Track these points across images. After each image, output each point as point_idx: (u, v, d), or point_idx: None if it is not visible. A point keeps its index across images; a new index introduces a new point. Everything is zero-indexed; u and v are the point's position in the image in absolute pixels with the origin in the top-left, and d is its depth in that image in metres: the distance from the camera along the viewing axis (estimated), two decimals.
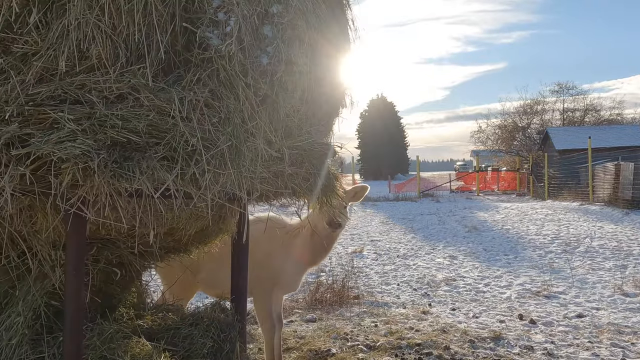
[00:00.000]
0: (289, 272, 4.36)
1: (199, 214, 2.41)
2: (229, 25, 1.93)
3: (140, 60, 1.88)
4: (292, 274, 4.40)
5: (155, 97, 1.81)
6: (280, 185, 2.29)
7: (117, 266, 2.43)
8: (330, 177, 2.64)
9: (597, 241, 11.90)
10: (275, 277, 4.31)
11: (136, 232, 2.20)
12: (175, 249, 2.98)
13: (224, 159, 1.83)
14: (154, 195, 1.64)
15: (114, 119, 1.71)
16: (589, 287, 7.94)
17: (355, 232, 15.47)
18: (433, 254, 11.45)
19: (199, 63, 1.94)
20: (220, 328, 2.42)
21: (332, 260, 10.39)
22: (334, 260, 10.37)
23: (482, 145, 42.95)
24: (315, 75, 2.51)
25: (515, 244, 12.36)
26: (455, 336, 5.32)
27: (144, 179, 1.62)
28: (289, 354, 4.93)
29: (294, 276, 4.43)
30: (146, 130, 1.74)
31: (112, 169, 1.63)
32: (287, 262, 4.30)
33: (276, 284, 4.33)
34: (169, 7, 1.91)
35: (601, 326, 5.79)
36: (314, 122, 2.59)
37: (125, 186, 1.61)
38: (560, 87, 42.57)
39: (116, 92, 1.79)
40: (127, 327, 2.29)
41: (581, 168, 24.31)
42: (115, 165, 1.64)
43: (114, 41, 1.83)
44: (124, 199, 1.69)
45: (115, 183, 1.61)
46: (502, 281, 8.56)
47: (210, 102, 1.89)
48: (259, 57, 2.03)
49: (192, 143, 1.76)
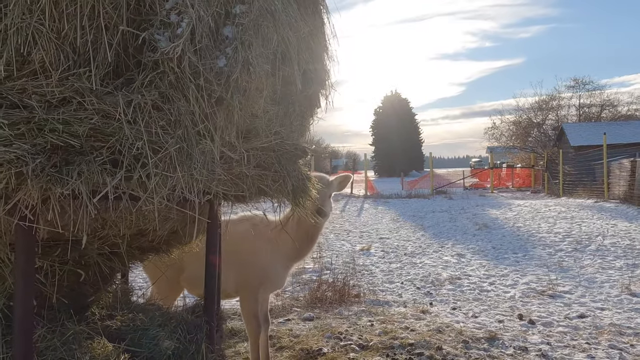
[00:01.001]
0: (275, 269, 4.37)
1: (167, 216, 2.41)
2: (181, 27, 1.92)
3: (87, 64, 1.87)
4: (279, 271, 4.40)
5: (100, 101, 1.80)
6: (246, 186, 2.27)
7: (85, 267, 2.45)
8: (302, 179, 2.62)
9: (609, 239, 11.68)
10: (262, 275, 4.31)
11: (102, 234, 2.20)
12: (153, 248, 2.98)
13: (172, 162, 1.83)
14: (91, 200, 1.64)
15: (55, 123, 1.70)
16: (596, 287, 7.80)
17: (365, 230, 15.41)
18: (441, 252, 11.36)
19: (151, 65, 1.93)
20: (187, 329, 2.42)
21: (338, 258, 10.39)
22: (340, 258, 10.37)
23: (496, 141, 42.45)
24: (285, 75, 2.49)
25: (525, 242, 12.19)
26: (450, 336, 5.27)
27: (80, 183, 1.62)
28: (281, 352, 4.93)
29: (280, 272, 4.43)
30: (89, 134, 1.74)
31: (49, 173, 1.63)
32: (274, 259, 4.31)
33: (263, 283, 4.32)
34: (119, 10, 1.90)
35: (602, 327, 5.68)
36: (285, 123, 2.57)
37: (59, 191, 1.61)
38: (577, 83, 41.80)
39: (59, 96, 1.79)
40: (95, 328, 2.30)
41: (597, 165, 23.89)
42: (53, 170, 1.64)
43: (58, 45, 1.83)
44: (73, 203, 1.69)
45: (52, 188, 1.61)
46: (508, 280, 8.45)
47: (160, 104, 1.88)
48: (217, 58, 2.01)
49: (138, 146, 1.76)
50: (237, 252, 4.11)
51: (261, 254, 4.25)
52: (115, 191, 1.71)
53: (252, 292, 4.29)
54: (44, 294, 2.33)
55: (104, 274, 2.58)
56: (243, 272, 4.24)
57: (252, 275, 4.27)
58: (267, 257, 4.27)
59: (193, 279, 4.09)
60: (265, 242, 4.20)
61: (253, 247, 4.23)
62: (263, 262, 4.27)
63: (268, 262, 4.29)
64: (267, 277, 4.34)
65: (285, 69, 2.46)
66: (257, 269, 4.29)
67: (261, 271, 4.30)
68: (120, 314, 2.57)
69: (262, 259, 4.26)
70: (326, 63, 2.83)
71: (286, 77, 2.50)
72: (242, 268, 4.23)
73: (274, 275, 4.37)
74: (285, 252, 4.30)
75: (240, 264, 4.20)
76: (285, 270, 4.46)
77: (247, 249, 4.20)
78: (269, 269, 4.32)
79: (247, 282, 4.26)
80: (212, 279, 2.58)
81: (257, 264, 4.27)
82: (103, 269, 2.50)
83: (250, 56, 2.03)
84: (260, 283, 4.31)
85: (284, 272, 4.45)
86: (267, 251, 4.24)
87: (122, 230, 2.28)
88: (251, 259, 4.24)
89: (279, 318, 6.20)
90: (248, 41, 2.07)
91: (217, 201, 2.28)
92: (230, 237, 3.91)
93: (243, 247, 4.19)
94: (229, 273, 4.10)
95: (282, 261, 4.36)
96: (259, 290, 4.32)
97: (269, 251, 4.24)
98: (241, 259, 4.20)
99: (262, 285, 4.32)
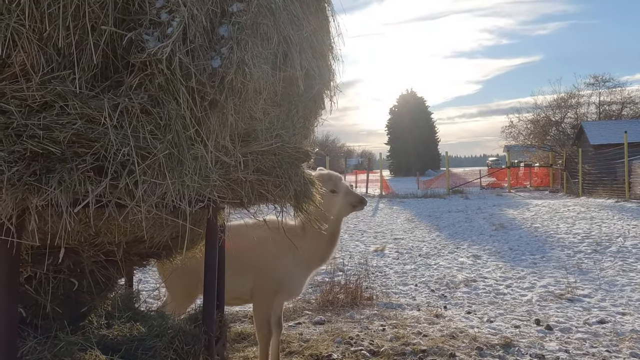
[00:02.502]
0: (294, 277, 4.24)
1: (164, 222, 2.33)
2: (171, 27, 1.83)
3: (73, 66, 1.79)
4: (297, 278, 4.28)
5: (84, 105, 1.72)
6: (244, 192, 2.18)
7: (80, 275, 2.38)
8: (305, 183, 2.51)
9: (631, 241, 11.36)
10: (279, 282, 4.19)
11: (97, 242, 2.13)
12: (154, 254, 2.91)
13: (161, 168, 1.74)
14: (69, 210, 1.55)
15: (35, 128, 1.63)
16: (617, 290, 7.57)
17: (380, 230, 15.26)
18: (456, 253, 11.18)
19: (140, 67, 1.85)
20: (185, 340, 2.34)
21: (351, 259, 10.27)
22: (354, 260, 10.25)
23: (513, 140, 41.86)
24: (286, 76, 2.39)
25: (543, 243, 11.94)
26: (464, 342, 5.12)
27: (59, 192, 1.54)
28: (290, 358, 4.84)
29: (299, 280, 4.31)
30: (71, 139, 1.66)
31: (27, 182, 1.55)
32: (294, 266, 4.17)
33: (279, 291, 4.21)
34: (106, 9, 1.82)
35: (623, 333, 5.48)
36: (287, 125, 2.47)
37: (35, 201, 1.53)
38: (596, 80, 40.97)
39: (40, 101, 1.71)
40: (89, 338, 2.22)
41: (617, 163, 23.38)
42: (31, 179, 1.56)
43: (40, 47, 1.75)
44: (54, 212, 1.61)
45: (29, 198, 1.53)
46: (525, 283, 8.25)
47: (148, 108, 1.79)
48: (212, 59, 1.92)
49: (124, 152, 1.68)
50: (254, 258, 4.05)
51: (280, 261, 4.13)
52: (100, 199, 1.62)
53: (268, 299, 4.18)
54: (38, 302, 2.27)
55: (100, 282, 2.51)
56: (260, 278, 4.14)
57: (269, 282, 4.16)
58: (287, 263, 4.14)
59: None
60: (285, 248, 4.00)
61: (272, 253, 4.10)
62: (282, 269, 4.15)
63: (287, 269, 4.17)
64: (285, 284, 4.22)
65: (286, 69, 2.36)
66: (275, 276, 4.17)
67: (279, 278, 4.18)
68: (119, 322, 2.50)
69: (281, 265, 4.14)
70: (330, 63, 2.73)
71: (287, 77, 2.40)
72: (260, 274, 4.14)
73: (291, 282, 4.25)
74: (307, 258, 4.18)
75: (257, 269, 4.12)
76: (304, 277, 4.35)
77: (266, 254, 4.08)
78: (287, 277, 4.20)
79: (263, 288, 4.15)
80: (211, 288, 2.49)
81: (276, 270, 4.15)
82: (98, 276, 2.43)
83: (247, 56, 1.94)
84: (277, 290, 4.20)
85: (302, 280, 4.34)
86: (286, 257, 4.10)
87: (117, 237, 2.20)
88: (270, 265, 4.13)
89: (289, 321, 6.11)
90: (245, 40, 1.97)
91: (212, 208, 2.18)
92: (247, 242, 3.92)
93: (261, 252, 4.07)
94: (245, 278, 4.09)
95: (302, 268, 4.24)
96: (275, 297, 4.22)
97: (289, 258, 4.10)
98: (259, 264, 4.12)
99: (279, 292, 4.22)
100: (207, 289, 2.50)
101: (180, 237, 2.40)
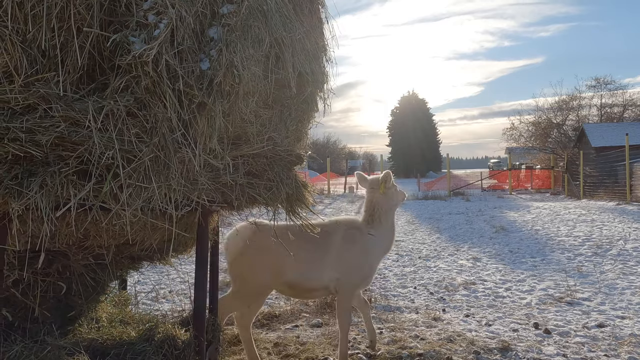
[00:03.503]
0: (375, 266, 4.68)
1: (154, 226, 2.31)
2: (159, 28, 1.80)
3: (57, 68, 1.76)
4: (376, 268, 4.74)
5: (68, 107, 1.69)
6: (234, 196, 2.15)
7: (69, 279, 2.36)
8: (297, 186, 2.49)
9: (631, 243, 11.31)
10: (366, 275, 4.57)
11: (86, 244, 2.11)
12: (147, 257, 2.89)
13: (147, 171, 1.72)
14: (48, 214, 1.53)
15: (17, 131, 1.60)
16: (617, 294, 7.53)
17: None
18: (456, 256, 11.14)
19: (126, 69, 1.82)
20: (175, 345, 2.31)
21: None
22: None
23: (515, 142, 41.78)
24: (279, 78, 2.37)
25: (544, 245, 11.89)
26: (461, 346, 5.08)
27: (40, 196, 1.52)
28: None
29: (376, 268, 4.76)
30: (55, 142, 1.63)
31: (8, 186, 1.53)
32: (377, 257, 4.64)
33: (363, 282, 4.63)
34: (92, 10, 1.79)
35: (622, 337, 5.44)
36: (279, 128, 2.45)
37: (15, 206, 1.51)
38: (598, 82, 40.87)
39: (23, 103, 1.69)
40: (77, 342, 2.20)
41: (619, 166, 23.31)
42: (12, 182, 1.54)
43: (23, 48, 1.73)
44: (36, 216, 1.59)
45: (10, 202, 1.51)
46: (525, 286, 8.21)
47: (134, 111, 1.77)
48: (200, 61, 1.90)
49: (109, 156, 1.65)
50: (342, 257, 4.39)
51: (368, 255, 4.52)
52: (83, 203, 1.60)
53: (353, 291, 4.54)
54: (27, 306, 2.25)
55: (90, 285, 2.49)
56: (349, 273, 4.44)
57: (358, 276, 4.50)
58: (372, 256, 4.56)
59: (294, 282, 4.34)
60: (369, 243, 4.50)
61: (360, 249, 4.47)
62: (369, 262, 4.54)
63: (372, 261, 4.58)
64: (369, 275, 4.63)
65: (278, 71, 2.34)
66: (364, 270, 4.53)
67: (367, 271, 4.56)
68: (110, 326, 2.48)
69: (368, 259, 4.53)
70: (324, 65, 2.70)
71: (280, 80, 2.38)
72: (349, 270, 4.44)
73: (372, 272, 4.68)
74: (383, 247, 4.67)
75: (347, 266, 4.43)
76: (377, 266, 4.81)
77: (354, 251, 4.45)
78: (371, 268, 4.61)
79: (350, 283, 4.46)
80: (201, 292, 2.47)
81: (365, 264, 4.51)
82: (88, 280, 2.41)
83: (236, 59, 1.91)
84: (362, 282, 4.60)
85: (376, 269, 4.80)
86: (371, 251, 4.53)
87: (106, 241, 2.18)
88: (359, 261, 4.46)
89: (286, 324, 6.09)
90: (234, 43, 1.95)
91: (202, 212, 2.15)
92: (332, 241, 4.36)
93: (349, 250, 4.43)
94: (332, 275, 4.39)
95: (379, 257, 4.72)
96: (359, 288, 4.64)
97: (373, 250, 4.55)
98: (348, 262, 4.43)
99: (363, 283, 4.64)
100: (197, 293, 2.47)
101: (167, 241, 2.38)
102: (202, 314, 2.45)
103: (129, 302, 3.25)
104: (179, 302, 6.84)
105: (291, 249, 3.69)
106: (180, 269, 8.64)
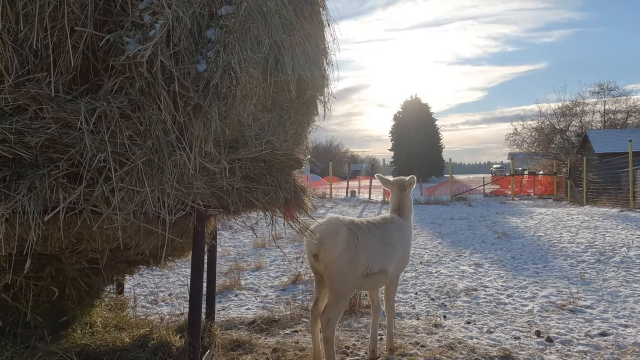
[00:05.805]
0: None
1: (148, 230, 2.26)
2: (154, 29, 1.76)
3: (49, 68, 1.72)
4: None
5: (59, 109, 1.65)
6: (231, 200, 2.11)
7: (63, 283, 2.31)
8: (296, 191, 2.45)
9: (635, 251, 11.22)
10: (407, 262, 5.26)
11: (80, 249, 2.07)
12: (143, 261, 2.85)
13: (140, 175, 1.67)
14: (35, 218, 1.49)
15: (6, 133, 1.56)
16: (620, 302, 7.45)
17: None
18: (458, 261, 11.07)
19: (120, 70, 1.78)
20: (169, 352, 2.27)
21: None
22: None
23: (517, 148, 41.72)
24: (278, 81, 2.33)
25: (546, 252, 11.80)
26: (462, 354, 5.02)
27: (28, 200, 1.47)
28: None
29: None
30: (45, 144, 1.59)
31: None
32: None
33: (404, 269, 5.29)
34: (86, 10, 1.76)
35: (625, 346, 5.36)
36: (278, 131, 2.41)
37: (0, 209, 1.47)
38: (601, 88, 40.83)
39: (13, 104, 1.65)
40: (68, 349, 2.16)
41: (622, 172, 23.22)
42: (0, 185, 1.50)
43: (15, 48, 1.69)
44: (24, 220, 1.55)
45: None
46: (527, 292, 8.14)
47: (128, 112, 1.73)
48: (197, 62, 1.86)
49: (101, 158, 1.61)
50: (399, 246, 4.85)
51: (410, 244, 5.15)
52: (73, 207, 1.56)
53: (399, 278, 5.19)
54: (19, 311, 2.20)
55: (83, 290, 2.44)
56: (402, 261, 5.03)
57: (404, 264, 5.15)
58: (410, 245, 5.20)
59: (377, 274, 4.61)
60: (409, 233, 5.14)
61: (407, 239, 5.07)
62: (409, 250, 5.17)
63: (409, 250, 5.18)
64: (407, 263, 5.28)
65: (277, 74, 2.29)
66: (408, 258, 5.22)
67: (408, 259, 5.23)
68: (104, 331, 2.43)
69: (410, 248, 5.16)
70: (324, 68, 2.66)
71: (279, 83, 2.34)
72: (402, 258, 5.00)
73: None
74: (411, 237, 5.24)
75: (402, 255, 4.96)
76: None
77: (406, 241, 5.04)
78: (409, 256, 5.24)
79: (400, 270, 5.10)
80: (197, 298, 2.42)
81: (409, 252, 5.17)
82: (81, 284, 2.37)
83: (234, 61, 1.87)
84: (404, 269, 5.27)
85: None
86: (410, 240, 5.15)
87: (100, 245, 2.14)
88: (407, 250, 5.08)
89: (286, 329, 6.03)
90: (232, 44, 1.91)
91: (198, 216, 2.11)
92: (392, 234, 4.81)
93: (403, 240, 4.98)
94: (390, 268, 4.78)
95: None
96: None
97: (410, 239, 5.18)
98: (403, 251, 4.97)
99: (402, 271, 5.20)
100: (193, 299, 2.43)
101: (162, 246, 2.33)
102: (198, 320, 2.40)
103: (125, 307, 3.20)
104: (178, 305, 6.80)
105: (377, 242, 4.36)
106: (180, 272, 8.60)
